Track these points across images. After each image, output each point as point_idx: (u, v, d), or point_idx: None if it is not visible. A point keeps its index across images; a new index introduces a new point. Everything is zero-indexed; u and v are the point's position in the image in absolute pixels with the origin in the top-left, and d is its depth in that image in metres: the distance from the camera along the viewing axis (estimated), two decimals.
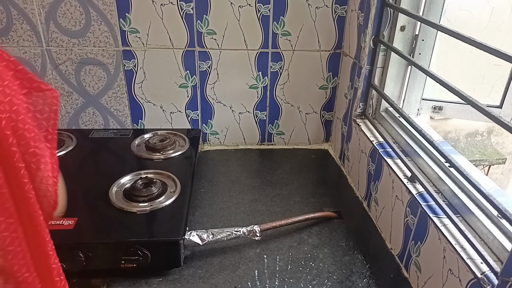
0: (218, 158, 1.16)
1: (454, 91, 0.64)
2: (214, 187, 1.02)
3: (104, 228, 0.77)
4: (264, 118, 1.20)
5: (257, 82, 1.14)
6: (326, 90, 1.17)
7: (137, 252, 0.72)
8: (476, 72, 0.94)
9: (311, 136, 1.24)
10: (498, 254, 0.58)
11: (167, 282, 0.74)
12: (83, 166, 0.98)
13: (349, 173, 1.07)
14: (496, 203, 0.55)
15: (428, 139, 0.73)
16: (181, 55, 1.08)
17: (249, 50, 1.09)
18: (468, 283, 0.56)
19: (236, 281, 0.74)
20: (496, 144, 2.69)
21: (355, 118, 1.01)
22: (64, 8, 1.00)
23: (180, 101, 1.15)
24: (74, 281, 0.72)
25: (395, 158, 0.83)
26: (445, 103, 0.90)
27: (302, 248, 0.83)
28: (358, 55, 0.99)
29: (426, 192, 0.71)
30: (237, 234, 0.80)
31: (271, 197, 0.99)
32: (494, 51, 0.55)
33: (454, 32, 0.64)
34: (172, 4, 1.02)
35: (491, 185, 0.61)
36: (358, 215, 0.94)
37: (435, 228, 0.65)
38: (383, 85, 0.93)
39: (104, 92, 1.12)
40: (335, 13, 1.06)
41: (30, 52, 1.05)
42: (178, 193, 0.85)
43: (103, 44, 1.05)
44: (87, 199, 0.84)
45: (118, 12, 1.02)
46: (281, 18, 1.06)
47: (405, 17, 0.86)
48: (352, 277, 0.76)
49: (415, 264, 0.72)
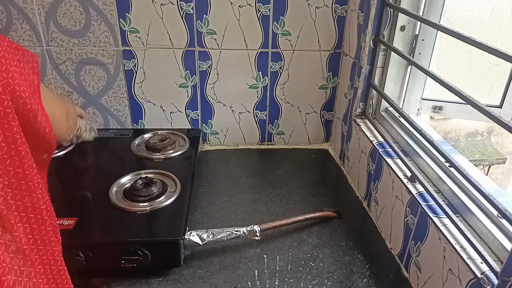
0: (218, 158, 1.16)
1: (454, 90, 0.64)
2: (214, 187, 1.02)
3: (104, 228, 0.77)
4: (264, 118, 1.20)
5: (257, 82, 1.14)
6: (326, 90, 1.17)
7: (137, 252, 0.72)
8: (476, 72, 0.94)
9: (311, 136, 1.24)
10: (498, 254, 0.58)
11: (167, 282, 0.74)
12: (83, 166, 0.98)
13: (349, 173, 1.07)
14: (496, 203, 0.55)
15: (428, 139, 0.73)
16: (181, 55, 1.08)
17: (249, 50, 1.09)
18: (468, 283, 0.56)
19: (236, 281, 0.74)
20: (496, 144, 2.69)
21: (355, 118, 1.01)
22: (64, 8, 1.00)
23: (180, 101, 1.15)
24: (74, 280, 0.72)
25: (395, 158, 0.83)
26: (445, 103, 0.90)
27: (302, 248, 0.83)
28: (358, 55, 0.99)
29: (426, 192, 0.71)
30: (237, 234, 0.80)
31: (271, 197, 0.99)
32: (494, 50, 0.55)
33: (454, 32, 0.64)
34: (172, 4, 1.02)
35: (491, 185, 0.62)
36: (358, 215, 0.95)
37: (435, 228, 0.65)
38: (383, 85, 0.93)
39: (104, 92, 1.12)
40: (335, 13, 1.06)
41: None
42: (178, 193, 0.85)
43: (103, 44, 1.05)
44: (87, 199, 0.84)
45: (118, 12, 1.02)
46: (281, 18, 1.06)
47: (405, 17, 0.86)
48: (352, 277, 0.76)
49: (415, 264, 0.72)
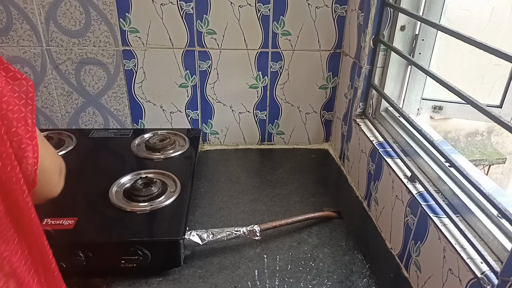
0: (218, 157, 1.16)
1: (454, 90, 0.64)
2: (214, 186, 1.02)
3: (104, 228, 0.77)
4: (264, 117, 1.20)
5: (257, 82, 1.14)
6: (326, 89, 1.17)
7: (137, 252, 0.72)
8: (476, 72, 0.94)
9: (311, 135, 1.24)
10: (498, 254, 0.58)
11: (167, 281, 0.74)
12: (83, 166, 0.98)
13: (349, 172, 1.07)
14: (496, 203, 0.55)
15: (428, 139, 0.73)
16: (181, 54, 1.08)
17: (249, 49, 1.09)
18: (468, 283, 0.56)
19: (236, 280, 0.74)
20: (496, 144, 2.69)
21: (355, 118, 1.01)
22: (64, 8, 1.00)
23: (180, 101, 1.15)
24: (74, 280, 0.72)
25: (395, 157, 0.83)
26: (445, 102, 0.90)
27: (302, 248, 0.83)
28: (358, 55, 0.99)
29: (426, 192, 0.71)
30: (237, 234, 0.80)
31: (271, 196, 0.99)
32: (493, 50, 0.55)
33: (454, 32, 0.64)
34: (172, 4, 1.02)
35: (491, 185, 0.62)
36: (358, 215, 0.95)
37: (435, 228, 0.65)
38: (383, 85, 0.93)
39: (104, 92, 1.12)
40: (335, 13, 1.06)
41: (30, 52, 1.05)
42: (178, 193, 0.85)
43: (103, 44, 1.05)
44: (87, 199, 0.84)
45: (118, 12, 1.02)
46: (281, 18, 1.06)
47: (405, 17, 0.86)
48: (352, 276, 0.76)
49: (415, 264, 0.72)
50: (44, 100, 1.12)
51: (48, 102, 1.12)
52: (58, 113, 1.14)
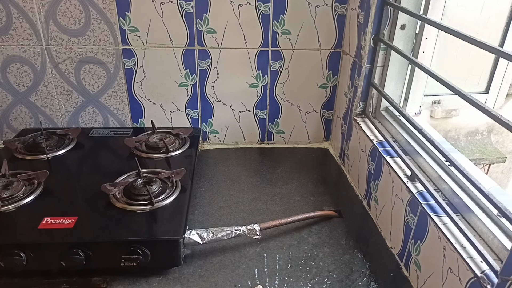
0: (218, 157, 1.16)
1: (456, 90, 0.64)
2: (214, 186, 1.02)
3: (104, 227, 0.77)
4: (264, 117, 1.20)
5: (257, 81, 1.14)
6: (326, 89, 1.17)
7: (137, 251, 0.72)
8: (469, 63, 0.96)
9: (311, 135, 1.24)
10: (498, 253, 0.58)
11: (167, 281, 0.74)
12: (83, 165, 0.98)
13: (349, 172, 1.07)
14: (496, 202, 0.55)
15: (428, 138, 0.73)
16: (181, 53, 1.08)
17: (249, 48, 1.09)
18: (468, 282, 0.56)
19: (236, 279, 0.74)
20: (496, 143, 2.69)
21: (355, 117, 1.01)
22: (63, 7, 1.00)
23: (180, 100, 1.15)
24: (74, 279, 0.72)
25: (395, 157, 0.83)
26: (443, 96, 0.91)
27: (302, 247, 0.83)
28: (358, 54, 0.99)
29: (426, 191, 0.71)
30: (237, 233, 0.80)
31: (271, 196, 0.99)
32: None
33: (454, 31, 0.64)
34: (172, 3, 1.01)
35: (491, 184, 0.62)
36: (358, 214, 0.95)
37: (435, 227, 0.65)
38: (383, 84, 0.93)
39: (104, 91, 1.12)
40: (335, 12, 1.06)
41: (29, 51, 1.05)
42: (178, 192, 0.85)
43: (102, 43, 1.05)
44: (87, 198, 0.84)
45: (118, 11, 1.02)
46: (281, 17, 1.06)
47: (405, 16, 0.86)
48: (352, 276, 0.76)
49: (415, 263, 0.72)
50: (44, 99, 1.12)
51: (48, 101, 1.12)
52: (58, 112, 1.14)
